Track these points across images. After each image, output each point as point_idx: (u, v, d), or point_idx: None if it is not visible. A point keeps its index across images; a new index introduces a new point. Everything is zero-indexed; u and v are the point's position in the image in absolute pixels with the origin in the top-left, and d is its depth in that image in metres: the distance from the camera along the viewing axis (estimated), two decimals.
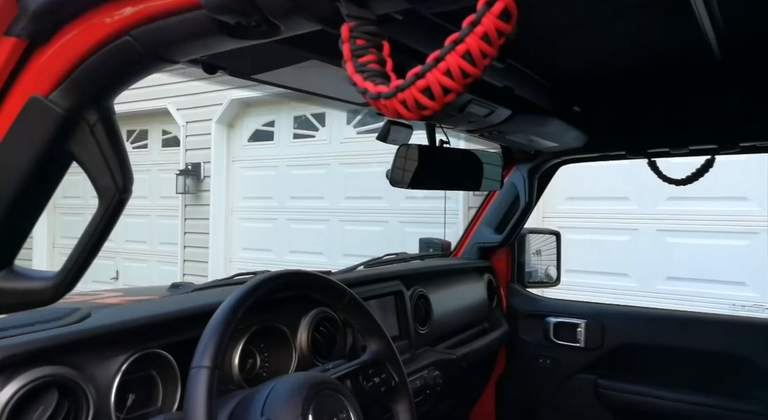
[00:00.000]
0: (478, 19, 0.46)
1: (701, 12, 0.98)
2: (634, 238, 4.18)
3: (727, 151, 1.71)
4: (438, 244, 2.38)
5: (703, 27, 1.06)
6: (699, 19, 1.02)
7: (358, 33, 0.54)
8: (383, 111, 0.53)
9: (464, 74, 0.48)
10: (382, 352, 1.18)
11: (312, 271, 1.15)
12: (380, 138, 1.50)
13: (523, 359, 2.21)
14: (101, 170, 0.67)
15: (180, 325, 1.10)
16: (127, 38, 0.60)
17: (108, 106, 0.69)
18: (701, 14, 1.00)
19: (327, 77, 1.01)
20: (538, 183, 2.14)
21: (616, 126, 1.80)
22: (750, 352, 1.82)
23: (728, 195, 3.79)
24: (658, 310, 2.13)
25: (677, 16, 1.03)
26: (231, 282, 1.52)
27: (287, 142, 5.92)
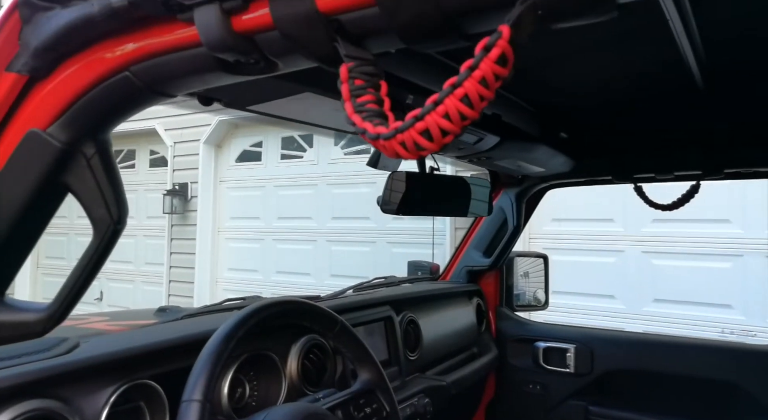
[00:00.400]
0: (476, 64, 0.47)
1: (684, 43, 1.01)
2: (620, 259, 4.21)
3: (711, 177, 1.74)
4: (427, 267, 2.39)
5: (686, 57, 1.09)
6: (681, 50, 1.05)
7: (356, 73, 0.55)
8: (382, 151, 0.53)
9: (462, 117, 0.49)
10: (373, 381, 1.17)
11: (303, 300, 1.15)
12: (371, 164, 1.51)
13: (513, 385, 2.21)
14: (97, 202, 0.67)
15: (169, 354, 1.08)
16: (126, 74, 0.61)
17: (105, 138, 0.69)
18: (684, 45, 1.02)
19: (320, 108, 1.02)
20: (525, 207, 2.17)
21: (603, 152, 1.83)
22: (741, 379, 1.83)
23: (712, 217, 3.85)
24: (648, 335, 2.14)
25: (659, 45, 1.05)
26: (221, 308, 1.51)
27: (275, 163, 5.93)
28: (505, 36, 0.46)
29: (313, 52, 0.57)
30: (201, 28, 0.56)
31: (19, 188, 0.65)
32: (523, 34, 0.46)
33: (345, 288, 1.92)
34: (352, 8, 0.52)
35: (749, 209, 3.79)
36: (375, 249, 5.24)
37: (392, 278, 2.11)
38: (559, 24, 0.48)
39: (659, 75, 1.27)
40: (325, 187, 5.56)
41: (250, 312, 0.98)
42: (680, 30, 0.96)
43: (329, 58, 0.57)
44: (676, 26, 0.94)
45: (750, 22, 0.98)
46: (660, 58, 1.14)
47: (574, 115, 1.59)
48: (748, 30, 1.02)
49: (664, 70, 1.23)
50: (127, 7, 0.56)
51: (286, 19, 0.54)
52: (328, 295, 1.81)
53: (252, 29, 0.56)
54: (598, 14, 0.47)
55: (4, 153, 0.66)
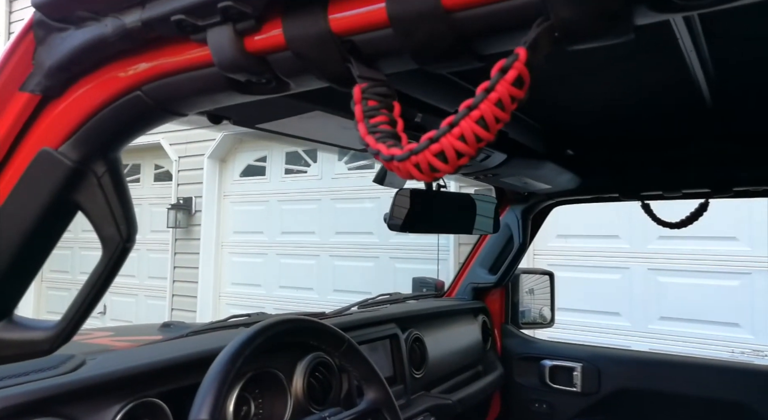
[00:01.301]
0: (492, 86, 0.47)
1: (693, 61, 1.02)
2: (626, 276, 4.19)
3: (720, 195, 1.73)
4: (432, 284, 2.38)
5: (695, 75, 1.09)
6: (690, 68, 1.05)
7: (369, 94, 0.55)
8: (396, 172, 0.53)
9: (478, 139, 0.49)
10: (379, 400, 1.16)
11: (309, 318, 1.14)
12: (377, 181, 1.51)
13: (519, 404, 2.18)
14: (106, 220, 0.67)
15: (176, 372, 1.08)
16: (138, 93, 0.61)
17: (115, 157, 0.69)
18: (693, 63, 1.03)
19: (329, 126, 1.03)
20: (531, 224, 2.16)
21: (610, 169, 1.83)
22: (750, 400, 1.80)
23: (718, 235, 3.83)
24: (656, 355, 2.12)
25: (670, 64, 1.06)
26: (226, 325, 1.50)
27: (279, 178, 5.94)
28: (522, 58, 0.46)
29: (326, 73, 0.58)
30: (214, 48, 0.56)
31: (31, 206, 0.66)
32: (539, 56, 0.46)
33: (350, 304, 1.91)
34: (366, 29, 0.53)
35: (756, 227, 3.77)
36: (378, 264, 5.23)
37: (397, 295, 2.10)
38: (575, 46, 0.48)
39: (667, 92, 1.27)
40: (328, 201, 5.57)
41: (257, 330, 0.98)
42: (690, 48, 0.97)
43: (342, 78, 0.57)
44: (686, 44, 0.95)
45: (760, 41, 0.99)
46: (669, 75, 1.14)
47: (581, 132, 1.59)
48: (758, 48, 1.02)
49: (672, 87, 1.23)
50: (140, 27, 0.57)
51: (299, 39, 0.55)
52: (333, 311, 1.80)
53: (264, 50, 0.56)
54: (614, 36, 0.47)
55: (16, 171, 0.66)
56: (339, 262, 5.46)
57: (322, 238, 5.58)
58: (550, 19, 0.45)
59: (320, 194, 5.62)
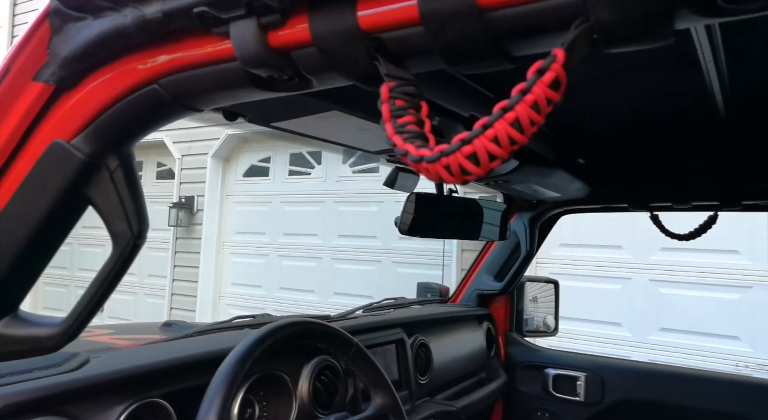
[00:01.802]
0: (529, 88, 0.46)
1: (711, 72, 1.00)
2: (627, 287, 4.18)
3: (729, 208, 1.72)
4: (436, 289, 2.36)
5: (711, 86, 1.08)
6: (707, 79, 1.04)
7: (397, 93, 0.54)
8: (424, 174, 0.52)
9: (512, 141, 0.48)
10: (387, 406, 1.15)
11: (319, 321, 1.13)
12: (388, 184, 1.50)
13: (521, 412, 2.16)
14: (118, 216, 0.66)
15: (181, 373, 1.06)
16: (155, 86, 0.60)
17: (128, 152, 0.68)
18: (710, 74, 1.02)
19: (345, 127, 1.01)
20: (539, 232, 2.15)
21: (620, 179, 1.81)
22: (752, 414, 1.79)
23: (720, 248, 3.82)
24: (660, 366, 2.10)
25: (686, 75, 1.05)
26: (231, 326, 1.49)
27: (282, 179, 5.93)
28: (560, 60, 0.45)
29: (352, 71, 0.57)
30: (236, 42, 0.55)
31: (41, 199, 0.64)
32: (576, 58, 0.45)
33: (355, 308, 1.90)
34: (396, 27, 0.52)
35: (758, 241, 3.76)
36: (380, 268, 5.21)
37: (402, 299, 2.09)
38: (612, 49, 0.47)
39: (682, 104, 1.26)
40: (332, 204, 5.56)
41: (267, 332, 0.96)
42: (709, 58, 0.96)
43: (368, 76, 0.56)
44: (705, 54, 0.94)
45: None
46: (685, 86, 1.13)
47: (593, 141, 1.58)
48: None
49: (687, 98, 1.22)
50: (161, 19, 0.56)
51: (325, 35, 0.53)
52: (338, 314, 1.79)
53: (289, 45, 0.55)
54: (654, 40, 0.46)
55: (27, 163, 0.65)
56: (341, 265, 5.44)
57: (324, 241, 5.57)
58: (589, 21, 0.44)
59: (324, 196, 5.61)
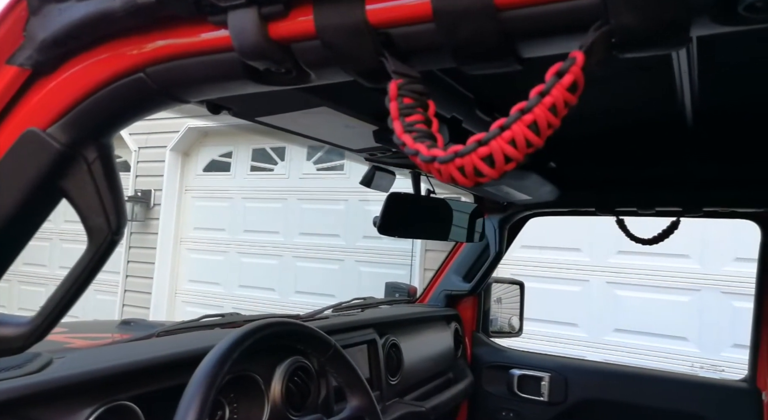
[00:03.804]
0: (548, 90, 0.45)
1: (684, 82, 1.03)
2: (585, 289, 4.29)
3: (690, 214, 1.79)
4: (405, 289, 2.36)
5: (681, 96, 1.11)
6: (679, 88, 1.06)
7: (405, 91, 0.53)
8: (435, 175, 0.51)
9: (528, 144, 0.47)
10: (363, 408, 1.13)
11: (298, 321, 1.10)
12: (364, 183, 1.48)
13: (486, 412, 2.18)
14: (95, 210, 0.63)
15: (150, 375, 1.02)
16: (141, 75, 0.57)
17: (108, 143, 0.65)
18: (683, 84, 1.04)
19: (330, 123, 0.99)
20: (508, 234, 2.17)
21: (589, 183, 1.85)
22: (708, 413, 1.86)
23: (672, 252, 3.97)
24: (621, 366, 2.15)
25: (660, 83, 1.07)
26: (198, 325, 1.44)
27: (244, 174, 5.82)
28: (579, 62, 0.45)
29: (356, 66, 0.55)
30: (234, 32, 0.52)
31: (11, 190, 0.60)
32: (593, 62, 0.45)
33: (324, 307, 1.88)
34: (406, 22, 0.50)
35: (707, 246, 3.92)
36: (343, 267, 5.18)
37: (371, 299, 2.08)
38: (628, 53, 0.47)
39: (653, 111, 1.29)
40: (294, 201, 5.49)
41: (245, 333, 0.93)
42: (684, 69, 0.98)
43: (373, 73, 0.55)
44: (681, 64, 0.96)
45: (750, 70, 1.01)
46: (657, 94, 1.16)
47: (566, 145, 1.61)
48: (747, 77, 1.04)
49: (658, 106, 1.25)
50: (153, 4, 0.53)
51: (331, 28, 0.52)
52: (307, 314, 1.76)
53: (291, 37, 0.53)
54: (669, 46, 0.46)
55: None
56: (302, 263, 5.38)
57: (286, 238, 5.50)
58: (609, 24, 0.44)
59: (286, 193, 5.53)
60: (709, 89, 1.08)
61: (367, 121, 0.97)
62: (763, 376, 1.79)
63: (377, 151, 1.22)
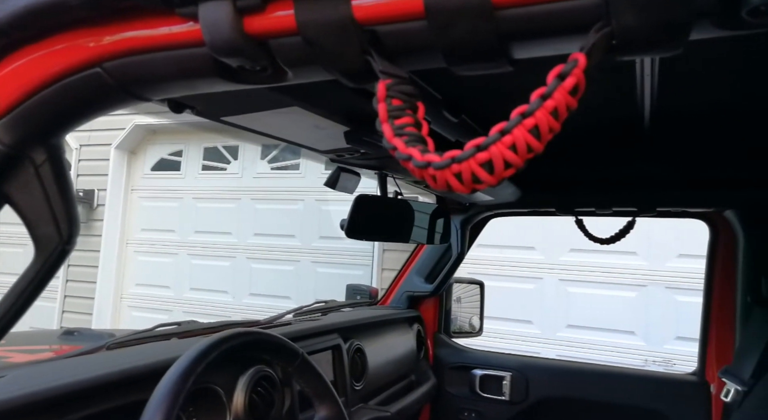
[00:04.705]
0: (550, 93, 0.43)
1: (645, 84, 1.04)
2: (539, 286, 4.37)
3: (645, 214, 1.84)
4: (366, 291, 2.33)
5: (641, 98, 1.13)
6: (639, 91, 1.08)
7: (394, 92, 0.50)
8: (428, 181, 0.48)
9: (529, 149, 0.45)
10: (332, 418, 1.09)
11: (263, 331, 1.05)
12: (329, 184, 1.44)
13: (448, 413, 2.18)
14: (43, 218, 0.57)
15: (105, 392, 0.95)
16: (98, 70, 0.52)
17: (58, 143, 0.59)
18: (644, 87, 1.06)
19: (298, 124, 0.95)
20: (469, 234, 2.17)
21: (549, 185, 1.88)
22: (664, 407, 1.92)
23: (621, 250, 4.09)
24: (579, 364, 2.20)
25: (621, 86, 1.08)
26: (153, 335, 1.36)
27: (195, 174, 5.65)
28: (581, 65, 0.43)
29: (339, 65, 0.52)
30: (206, 26, 0.48)
31: None
32: (592, 64, 0.44)
33: (284, 312, 1.82)
34: (396, 19, 0.47)
35: (653, 243, 4.07)
36: (298, 268, 5.10)
37: (333, 302, 2.04)
38: (627, 56, 0.46)
39: (613, 114, 1.31)
40: (248, 201, 5.36)
41: (211, 344, 0.88)
42: (647, 72, 0.99)
43: (357, 73, 0.52)
44: (644, 67, 0.97)
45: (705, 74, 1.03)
46: (618, 95, 1.17)
47: None
48: (702, 81, 1.07)
49: (618, 109, 1.26)
50: None
51: (313, 24, 0.48)
52: (267, 319, 1.71)
53: (269, 33, 0.49)
54: (668, 49, 0.45)
55: None
56: (256, 264, 5.26)
57: (239, 239, 5.36)
58: (610, 25, 0.43)
59: (240, 193, 5.40)
60: (667, 92, 1.10)
61: (338, 122, 0.94)
62: (711, 369, 1.86)
63: (345, 153, 1.19)
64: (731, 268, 1.82)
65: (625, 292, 4.16)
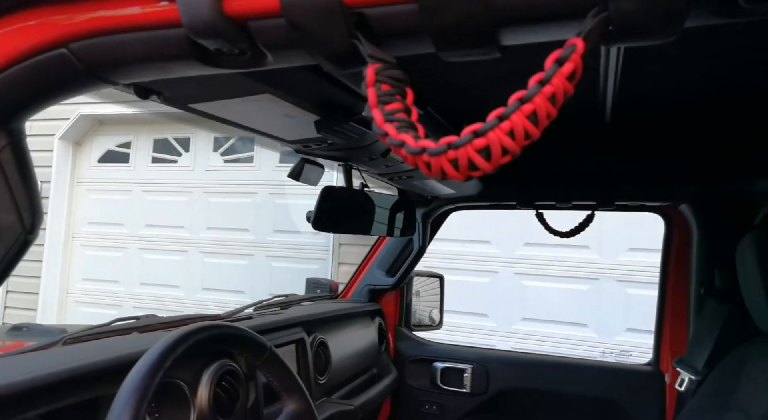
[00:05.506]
0: (548, 79, 0.43)
1: (609, 76, 1.06)
2: (495, 280, 4.45)
3: (604, 207, 1.88)
4: (326, 285, 2.31)
5: (604, 91, 1.15)
6: (602, 83, 1.10)
7: (383, 77, 0.49)
8: (421, 168, 0.47)
9: (526, 135, 0.45)
10: (300, 413, 1.08)
11: (230, 324, 1.03)
12: (292, 176, 1.41)
13: (409, 405, 2.19)
14: (4, 206, 0.54)
15: (63, 389, 0.90)
16: (63, 51, 0.49)
17: (19, 128, 0.56)
18: (608, 78, 1.07)
19: (268, 112, 0.92)
20: (431, 227, 2.18)
21: (510, 178, 1.90)
22: (619, 396, 1.98)
23: (574, 243, 4.20)
24: (538, 355, 2.24)
25: (584, 84, 1.09)
26: (110, 329, 1.31)
27: (145, 166, 5.46)
28: (579, 50, 0.43)
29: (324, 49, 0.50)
30: (183, 5, 0.46)
31: None
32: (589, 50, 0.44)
33: (244, 306, 1.78)
34: (385, 2, 0.46)
35: (605, 237, 4.20)
36: (252, 262, 5.01)
37: (293, 296, 2.01)
38: (622, 42, 0.46)
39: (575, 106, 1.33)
40: (200, 194, 5.23)
41: (178, 338, 0.85)
42: (612, 63, 1.01)
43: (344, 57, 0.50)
44: (610, 59, 0.98)
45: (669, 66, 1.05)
46: (580, 92, 1.18)
47: None
48: (665, 73, 1.09)
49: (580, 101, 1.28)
50: None
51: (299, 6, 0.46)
52: (227, 313, 1.67)
53: (249, 14, 0.47)
54: (663, 36, 0.45)
55: None
56: (209, 259, 5.14)
57: (191, 233, 5.22)
58: (607, 10, 0.43)
59: (192, 186, 5.25)
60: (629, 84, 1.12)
61: (309, 111, 0.92)
62: (665, 360, 1.92)
63: (312, 143, 1.17)
64: (685, 261, 1.88)
65: (577, 285, 4.28)
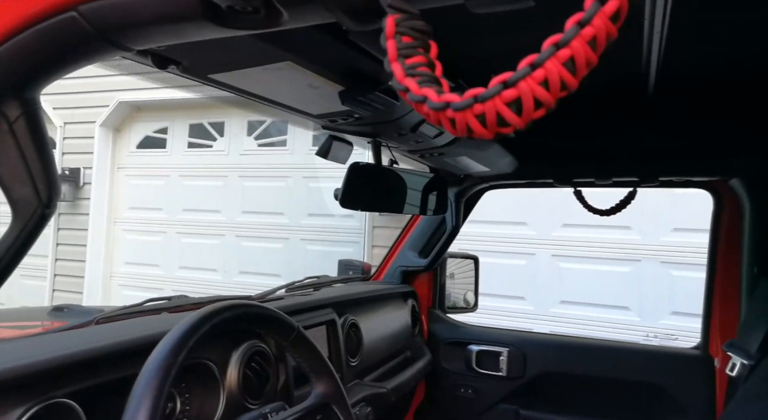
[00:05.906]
0: (588, 19, 0.38)
1: (654, 46, 0.99)
2: (531, 262, 4.35)
3: (647, 184, 1.79)
4: (358, 267, 2.29)
5: (647, 61, 1.07)
6: (645, 53, 1.02)
7: (404, 28, 0.44)
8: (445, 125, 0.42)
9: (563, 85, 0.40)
10: (329, 395, 1.05)
11: (257, 303, 1.01)
12: (321, 154, 1.38)
13: (444, 389, 2.16)
14: (20, 179, 0.53)
15: (91, 368, 0.90)
16: (73, 14, 0.46)
17: (34, 98, 0.54)
18: (652, 48, 1.00)
19: (291, 82, 0.89)
20: (464, 207, 2.13)
21: (546, 154, 1.82)
22: (663, 381, 1.90)
23: (614, 224, 4.07)
24: (578, 339, 2.17)
25: (626, 50, 1.02)
26: (142, 309, 1.31)
27: (181, 151, 5.54)
28: None
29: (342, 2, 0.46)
30: None
31: None
32: None
33: (276, 287, 1.77)
34: None
35: (647, 217, 4.05)
36: (288, 246, 5.05)
37: (325, 277, 1.99)
38: None
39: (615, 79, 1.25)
40: (235, 179, 5.28)
41: (203, 317, 0.83)
42: (657, 29, 0.93)
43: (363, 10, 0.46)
44: (655, 25, 0.91)
45: (719, 32, 0.97)
46: (622, 62, 1.11)
47: None
48: (715, 40, 1.01)
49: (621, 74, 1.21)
50: None
51: None
52: (259, 294, 1.66)
53: None
54: None
55: None
56: (246, 242, 5.21)
57: (227, 217, 5.29)
58: None
59: (227, 171, 5.31)
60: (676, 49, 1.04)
61: (333, 80, 0.88)
62: (714, 343, 1.83)
63: (339, 117, 1.13)
64: (736, 239, 1.77)
65: (618, 267, 4.15)
